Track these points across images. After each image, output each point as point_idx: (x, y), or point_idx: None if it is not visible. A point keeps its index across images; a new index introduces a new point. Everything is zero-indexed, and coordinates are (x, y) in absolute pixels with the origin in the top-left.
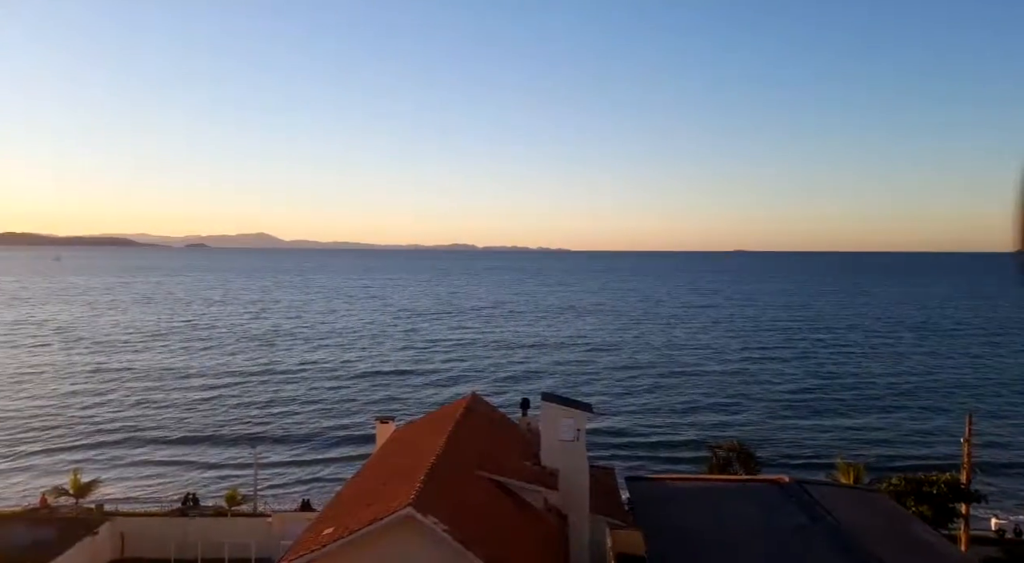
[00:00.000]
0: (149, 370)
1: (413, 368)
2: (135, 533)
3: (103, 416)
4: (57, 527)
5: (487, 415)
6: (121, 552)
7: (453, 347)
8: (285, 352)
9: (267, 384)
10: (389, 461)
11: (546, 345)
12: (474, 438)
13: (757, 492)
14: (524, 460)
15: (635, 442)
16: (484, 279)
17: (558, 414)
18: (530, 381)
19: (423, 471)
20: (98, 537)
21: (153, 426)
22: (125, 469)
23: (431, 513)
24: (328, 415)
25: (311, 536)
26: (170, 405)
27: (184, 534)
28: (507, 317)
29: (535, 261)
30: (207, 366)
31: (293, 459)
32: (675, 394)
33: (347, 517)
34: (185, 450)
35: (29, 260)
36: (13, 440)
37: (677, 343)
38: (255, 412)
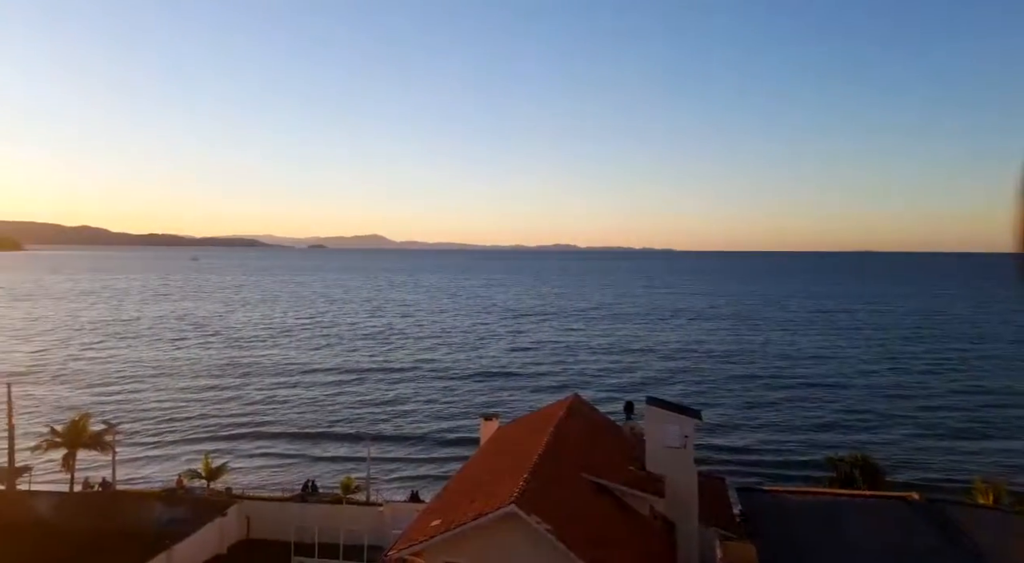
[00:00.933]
0: (275, 365)
1: (518, 368)
2: (259, 516)
3: (233, 408)
4: (191, 507)
5: (589, 417)
6: (247, 533)
7: (557, 348)
8: (398, 350)
9: (381, 381)
10: (493, 458)
11: (653, 350)
12: (576, 439)
13: (883, 508)
14: (628, 465)
15: (749, 451)
16: (588, 280)
17: (664, 419)
18: (635, 386)
19: (526, 470)
20: (226, 518)
21: (277, 418)
22: (251, 458)
23: (534, 512)
24: (436, 411)
25: (419, 527)
26: (294, 399)
27: (303, 519)
28: (612, 319)
29: (639, 261)
30: (327, 363)
31: (404, 452)
32: (794, 403)
33: (453, 511)
34: (305, 441)
35: (169, 260)
36: (155, 428)
37: (797, 350)
38: (370, 407)
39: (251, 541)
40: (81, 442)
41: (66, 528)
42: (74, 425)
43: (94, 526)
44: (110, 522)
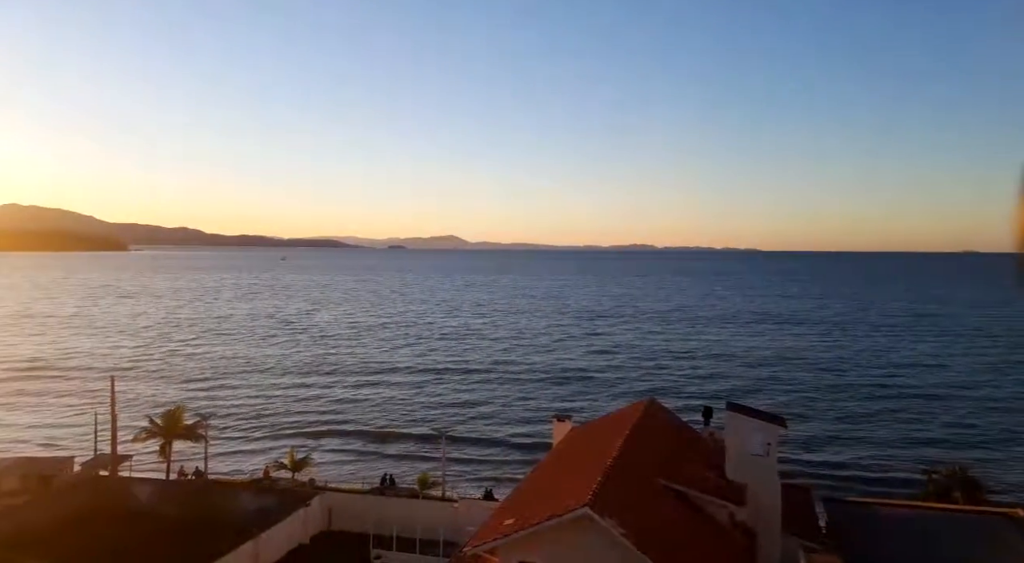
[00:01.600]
0: (357, 364)
1: (592, 371)
2: (340, 507)
3: (317, 404)
4: (277, 497)
5: (666, 421)
6: (328, 524)
7: (633, 352)
8: (474, 350)
9: (457, 380)
10: (566, 460)
11: (735, 355)
12: (652, 443)
13: (983, 525)
14: (707, 471)
15: (839, 465)
16: (665, 281)
17: (746, 426)
18: (715, 392)
19: (600, 472)
20: (310, 509)
21: (357, 415)
22: (332, 452)
23: (608, 515)
24: (510, 411)
25: (493, 525)
26: (374, 397)
27: (381, 512)
28: (692, 323)
29: (720, 262)
30: (406, 362)
31: (478, 450)
32: (892, 416)
33: (526, 510)
34: (383, 437)
35: (260, 259)
36: (244, 422)
37: (896, 358)
38: (446, 405)
39: (332, 532)
40: (177, 433)
41: (163, 514)
42: (171, 416)
43: (188, 513)
44: (203, 509)
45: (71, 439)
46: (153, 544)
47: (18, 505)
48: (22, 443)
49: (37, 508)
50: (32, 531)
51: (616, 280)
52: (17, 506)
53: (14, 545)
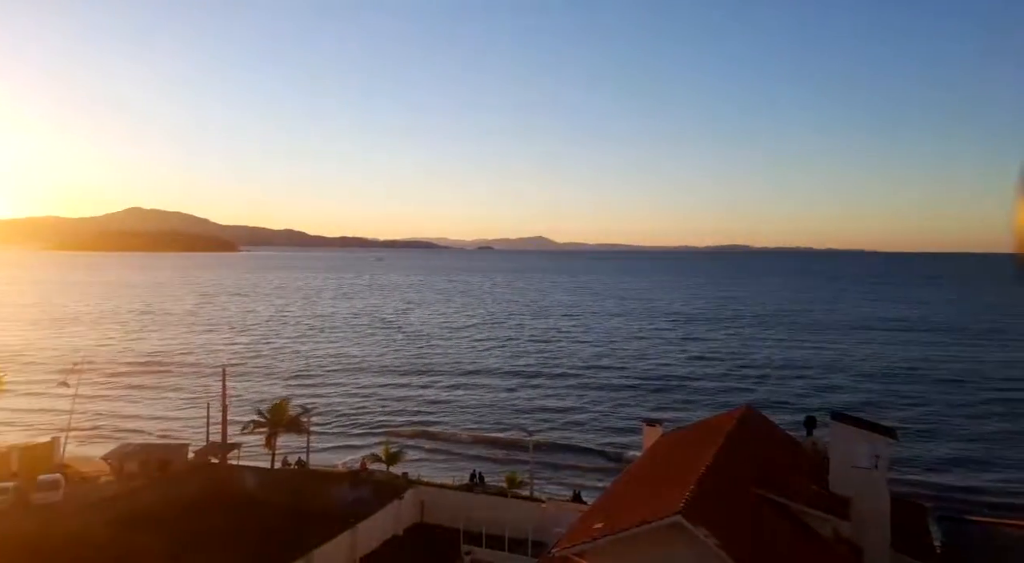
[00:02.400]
0: (449, 364)
1: (685, 375)
2: (432, 501)
3: (411, 403)
4: (373, 489)
5: (764, 430)
6: (421, 517)
7: (728, 357)
8: (563, 352)
9: (546, 381)
10: (656, 465)
11: (842, 365)
12: (749, 452)
13: None
14: (808, 483)
15: (963, 486)
16: (764, 283)
17: (853, 437)
18: (818, 402)
19: (692, 480)
20: (403, 502)
21: (449, 412)
22: (424, 448)
23: (701, 523)
24: (599, 414)
25: (582, 528)
26: (465, 396)
27: (471, 508)
28: (792, 327)
29: (824, 263)
30: (496, 363)
31: (566, 452)
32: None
33: (616, 515)
34: (473, 435)
35: (358, 260)
36: (343, 417)
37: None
38: (534, 406)
39: (424, 525)
40: (281, 425)
41: (268, 501)
42: (276, 409)
43: (291, 501)
44: (305, 498)
45: (186, 428)
46: (258, 529)
47: (137, 488)
48: (142, 432)
49: (154, 491)
50: (149, 513)
51: (711, 281)
52: (136, 489)
53: (134, 525)
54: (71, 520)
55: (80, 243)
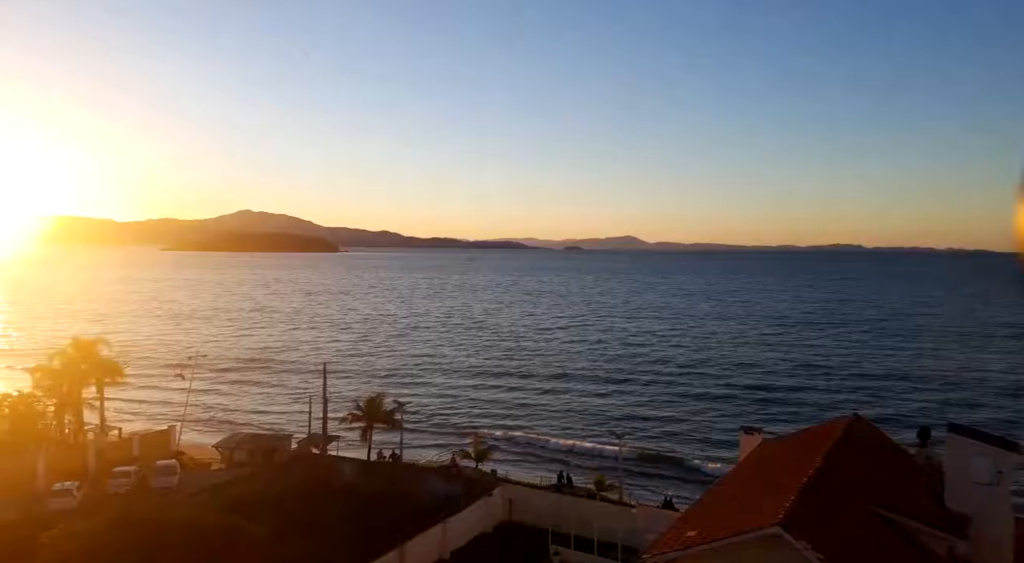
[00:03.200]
0: (541, 365)
1: (787, 381)
2: (520, 500)
3: (500, 403)
4: (463, 484)
5: (873, 440)
6: (509, 515)
7: (835, 362)
8: (654, 354)
9: (637, 382)
10: (754, 474)
11: (964, 377)
12: (856, 463)
13: None
14: (921, 498)
15: None
16: (876, 285)
17: (971, 450)
18: (933, 413)
19: (794, 490)
20: (492, 499)
21: (537, 413)
22: (512, 447)
23: (802, 536)
24: (694, 419)
25: (674, 535)
26: (554, 399)
27: (558, 508)
28: (908, 333)
29: (946, 263)
30: (587, 365)
31: (658, 457)
32: None
33: (710, 523)
34: (561, 437)
35: (450, 260)
36: (434, 414)
37: None
38: (626, 407)
39: (512, 523)
40: (377, 418)
41: (364, 491)
42: (372, 403)
43: (385, 491)
44: (398, 490)
45: (290, 422)
46: (355, 519)
47: (246, 475)
48: (250, 423)
49: (261, 479)
50: (256, 499)
51: (817, 282)
52: (245, 476)
53: (242, 511)
54: (185, 504)
55: (195, 244)
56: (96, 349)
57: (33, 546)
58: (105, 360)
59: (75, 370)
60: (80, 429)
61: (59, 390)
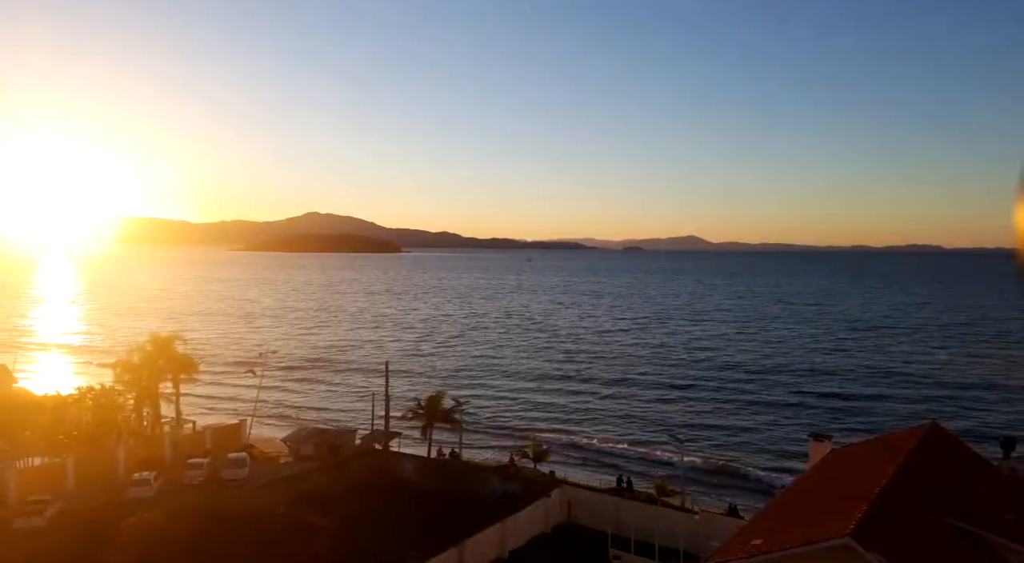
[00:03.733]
0: (603, 369)
1: (860, 387)
2: (579, 502)
3: (558, 405)
4: (521, 484)
5: (952, 450)
6: (568, 517)
7: (913, 368)
8: (718, 357)
9: (705, 392)
10: (824, 482)
11: None
12: (933, 474)
13: None
14: (1006, 512)
15: None
16: (957, 287)
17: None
18: (1022, 423)
19: (865, 500)
20: (550, 500)
21: (596, 416)
22: (569, 448)
23: (875, 548)
24: (760, 425)
25: (738, 543)
26: (615, 404)
27: (618, 512)
28: (992, 339)
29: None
30: (650, 368)
31: (721, 462)
32: None
33: (776, 532)
34: (620, 440)
35: (509, 261)
36: (493, 413)
37: None
38: (689, 413)
39: (571, 525)
40: (436, 416)
41: (424, 488)
42: (432, 401)
43: (445, 489)
44: (457, 488)
45: (353, 418)
46: (416, 514)
47: (312, 469)
48: (315, 418)
49: (326, 473)
50: (322, 493)
51: (893, 285)
52: (311, 470)
53: (308, 503)
54: (255, 496)
55: (265, 244)
56: (173, 345)
57: (114, 532)
58: (181, 356)
59: (153, 365)
60: (157, 422)
61: (138, 384)
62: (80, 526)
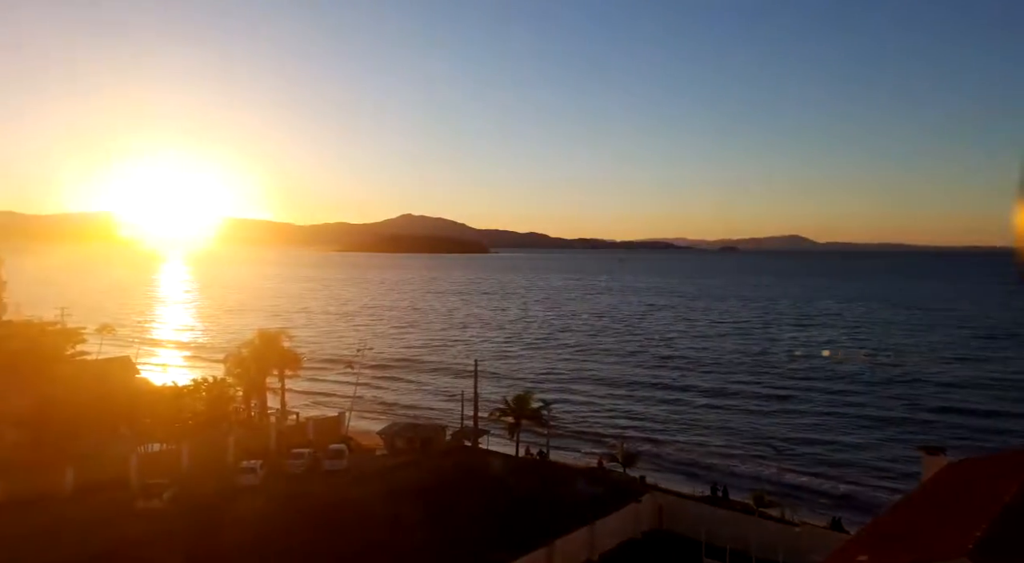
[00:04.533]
0: (700, 377)
1: (979, 400)
2: (671, 509)
3: (652, 411)
4: (610, 488)
5: None
6: (659, 523)
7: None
8: (827, 366)
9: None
10: (938, 498)
11: None
12: None
13: None
14: None
15: None
16: None
17: None
18: None
19: (985, 518)
20: (641, 505)
21: (692, 424)
22: (660, 455)
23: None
24: (868, 436)
25: (843, 558)
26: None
27: (713, 521)
28: None
29: None
30: (748, 378)
31: (823, 475)
32: None
33: (885, 549)
34: (716, 447)
35: (599, 261)
36: (582, 418)
37: None
38: (790, 422)
39: (663, 532)
40: (524, 415)
41: (512, 486)
42: (520, 400)
43: (533, 488)
44: (545, 487)
45: (442, 415)
46: (503, 512)
47: (405, 462)
48: (407, 414)
49: (419, 467)
50: (414, 486)
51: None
52: (405, 463)
53: (401, 496)
54: (353, 487)
55: (362, 245)
56: (279, 340)
57: (223, 516)
58: (286, 350)
59: (260, 359)
60: (264, 413)
61: (247, 377)
62: (194, 509)
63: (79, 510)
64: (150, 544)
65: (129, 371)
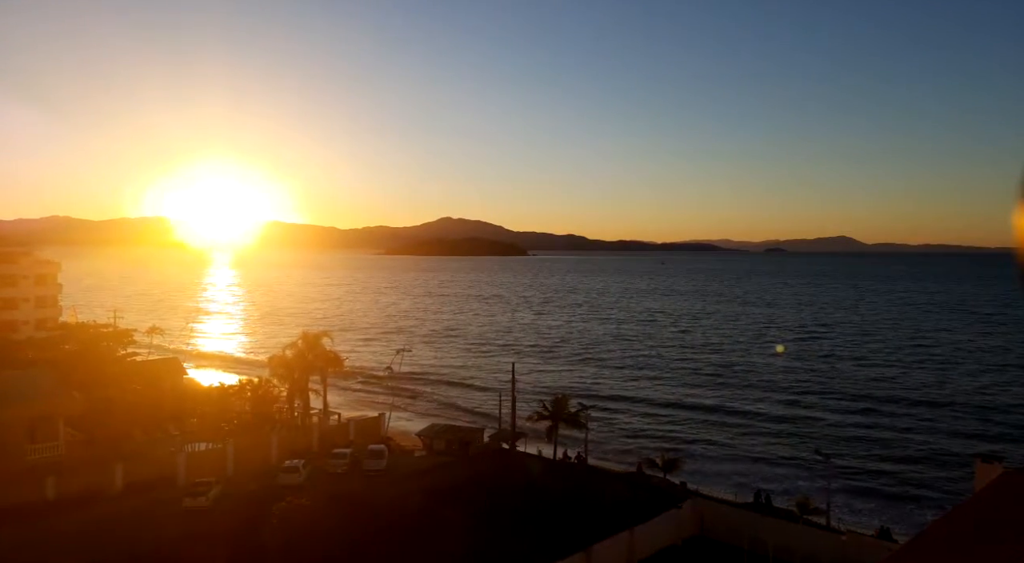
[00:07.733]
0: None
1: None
2: (712, 515)
3: (689, 418)
4: (650, 494)
5: None
6: (700, 529)
7: None
8: (883, 374)
9: (855, 401)
10: (992, 509)
11: None
12: None
13: None
14: None
15: None
16: None
17: None
18: None
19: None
20: (681, 511)
21: (731, 427)
22: (705, 459)
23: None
24: (924, 445)
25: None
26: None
27: (756, 528)
28: None
29: None
30: (796, 386)
31: (873, 484)
32: None
33: (935, 560)
34: (758, 451)
35: (639, 263)
36: (622, 423)
37: None
38: (839, 427)
39: (704, 539)
40: (562, 417)
41: (550, 488)
42: (558, 402)
43: (570, 491)
44: (582, 491)
45: (479, 418)
46: (542, 515)
47: (443, 463)
48: (446, 415)
49: (457, 469)
50: (452, 487)
51: None
52: (443, 464)
53: (439, 497)
54: (392, 486)
55: (402, 248)
56: (321, 342)
57: (266, 515)
58: (328, 352)
59: (303, 360)
60: (307, 413)
61: (290, 377)
62: (238, 507)
63: (127, 508)
64: (196, 542)
65: (177, 372)
